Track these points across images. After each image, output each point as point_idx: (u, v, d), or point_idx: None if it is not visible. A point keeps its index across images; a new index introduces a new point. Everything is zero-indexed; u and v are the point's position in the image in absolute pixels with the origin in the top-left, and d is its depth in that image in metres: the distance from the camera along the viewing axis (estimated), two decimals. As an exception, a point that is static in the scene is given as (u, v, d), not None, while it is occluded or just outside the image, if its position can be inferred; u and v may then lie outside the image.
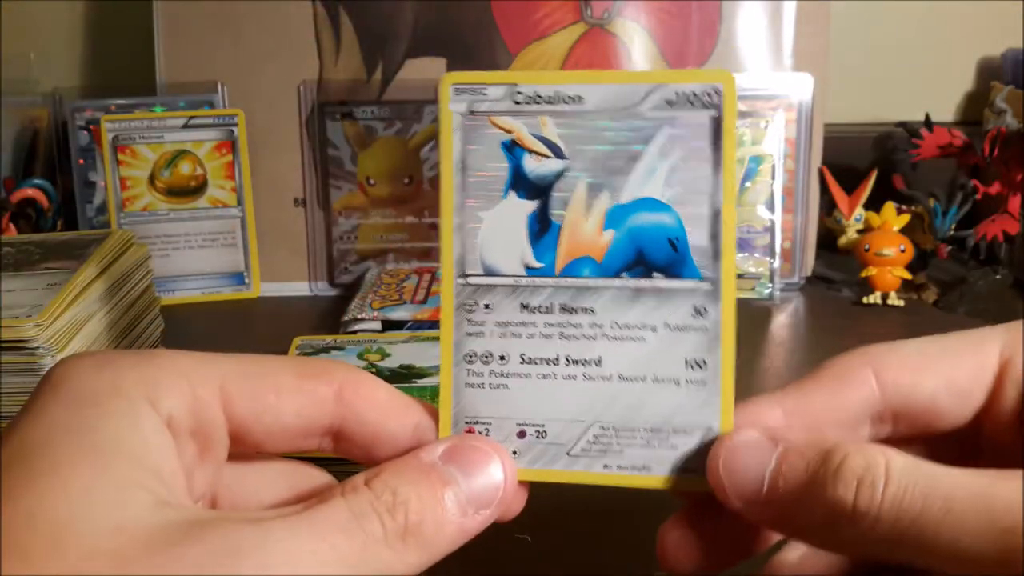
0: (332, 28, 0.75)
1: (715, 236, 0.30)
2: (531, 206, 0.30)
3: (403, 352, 0.53)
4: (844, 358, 0.31)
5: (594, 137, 0.30)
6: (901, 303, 0.70)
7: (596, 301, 0.30)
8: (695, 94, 0.29)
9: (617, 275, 0.30)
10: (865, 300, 0.70)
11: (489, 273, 0.30)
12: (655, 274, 0.30)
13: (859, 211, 0.74)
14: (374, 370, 0.50)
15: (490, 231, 0.30)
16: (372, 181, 0.75)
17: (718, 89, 0.29)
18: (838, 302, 0.72)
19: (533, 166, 0.30)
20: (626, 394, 0.30)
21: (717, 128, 0.29)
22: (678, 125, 0.30)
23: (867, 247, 0.70)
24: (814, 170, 0.75)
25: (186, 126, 0.74)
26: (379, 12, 0.74)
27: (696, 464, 0.29)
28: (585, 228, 0.30)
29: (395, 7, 0.74)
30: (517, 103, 0.30)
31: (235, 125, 0.74)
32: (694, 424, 0.30)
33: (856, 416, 0.30)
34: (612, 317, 0.30)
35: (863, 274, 0.70)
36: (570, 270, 0.30)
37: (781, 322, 0.68)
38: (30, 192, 0.76)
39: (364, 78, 0.75)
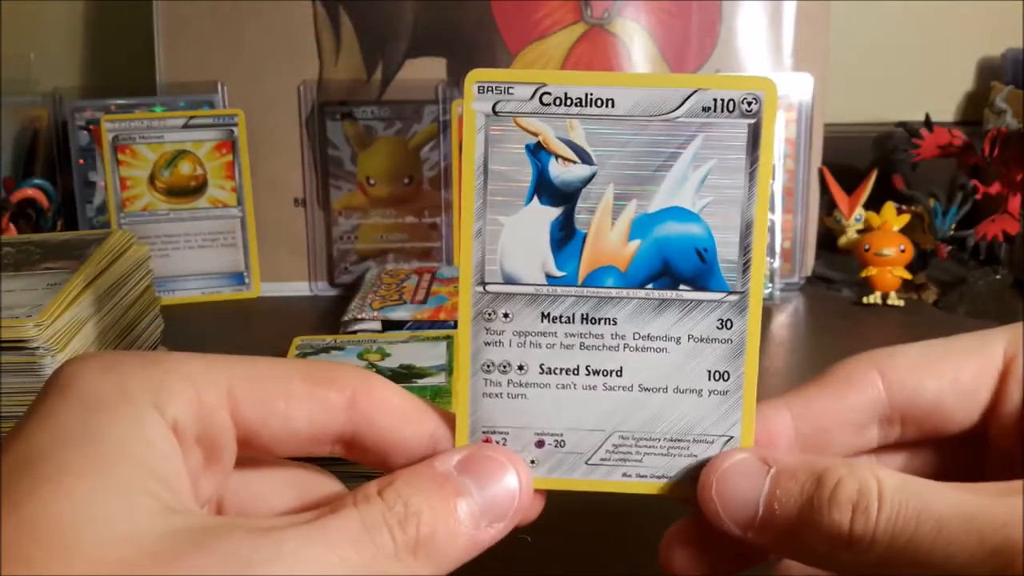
0: (332, 28, 0.75)
1: (746, 248, 0.29)
2: (555, 213, 0.29)
3: (403, 352, 0.53)
4: (849, 361, 0.31)
5: (624, 143, 0.29)
6: (901, 303, 0.70)
7: (619, 312, 0.30)
8: (734, 101, 0.29)
9: (642, 286, 0.29)
10: (865, 300, 0.70)
11: (509, 281, 0.29)
12: (681, 286, 0.29)
13: (859, 211, 0.74)
14: (374, 370, 0.50)
15: (511, 237, 0.29)
16: (372, 181, 0.75)
17: (758, 97, 0.28)
18: (838, 302, 0.72)
19: (559, 171, 0.29)
20: (647, 404, 0.30)
21: (755, 137, 0.29)
22: (714, 133, 0.29)
23: (867, 247, 0.70)
24: (814, 170, 0.75)
25: (186, 126, 0.74)
26: (379, 12, 0.74)
27: None
28: (610, 237, 0.29)
29: (395, 7, 0.74)
30: (544, 104, 0.29)
31: (235, 125, 0.74)
32: (715, 434, 0.30)
33: (863, 418, 0.30)
34: (635, 328, 0.29)
35: (863, 274, 0.70)
36: (593, 280, 0.29)
37: (781, 322, 0.68)
38: (30, 192, 0.76)
39: (364, 78, 0.75)
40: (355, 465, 0.38)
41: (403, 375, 0.50)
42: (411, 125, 0.75)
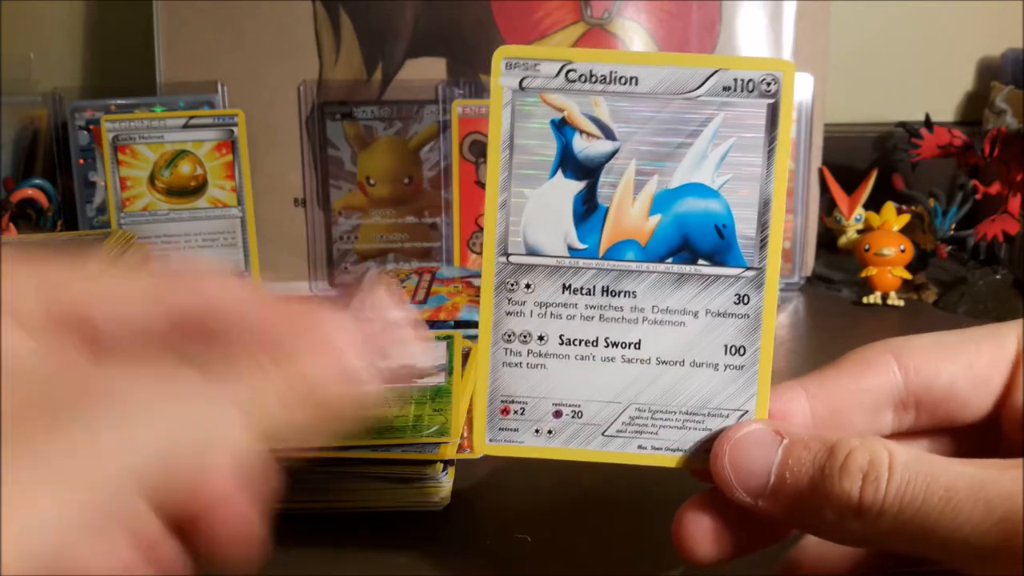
0: (332, 28, 0.75)
1: (763, 225, 0.30)
2: (578, 186, 0.30)
3: (403, 352, 0.52)
4: (866, 347, 0.31)
5: (647, 120, 0.30)
6: (901, 303, 0.70)
7: (639, 285, 0.30)
8: (753, 82, 0.29)
9: (661, 260, 0.30)
10: (865, 300, 0.70)
11: (532, 253, 0.30)
12: (700, 260, 0.30)
13: (859, 211, 0.74)
14: (374, 370, 0.50)
15: (535, 210, 0.30)
16: (372, 181, 0.75)
17: (777, 78, 0.29)
18: (838, 302, 0.72)
19: (583, 146, 0.30)
20: (664, 377, 0.30)
21: (773, 117, 0.29)
22: (733, 112, 0.30)
23: (867, 247, 0.70)
24: (814, 170, 0.75)
25: (186, 126, 0.74)
26: (379, 12, 0.74)
27: None
28: (632, 212, 0.30)
29: (395, 7, 0.74)
30: (570, 81, 0.30)
31: (235, 125, 0.74)
32: (731, 408, 0.30)
33: (878, 402, 0.31)
34: (654, 301, 0.30)
35: (863, 274, 0.70)
36: (614, 253, 0.30)
37: (781, 322, 0.68)
38: (30, 192, 0.75)
39: (364, 78, 0.75)
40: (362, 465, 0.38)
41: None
42: (411, 125, 0.75)
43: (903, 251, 0.69)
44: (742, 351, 0.30)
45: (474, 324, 0.63)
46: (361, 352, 0.26)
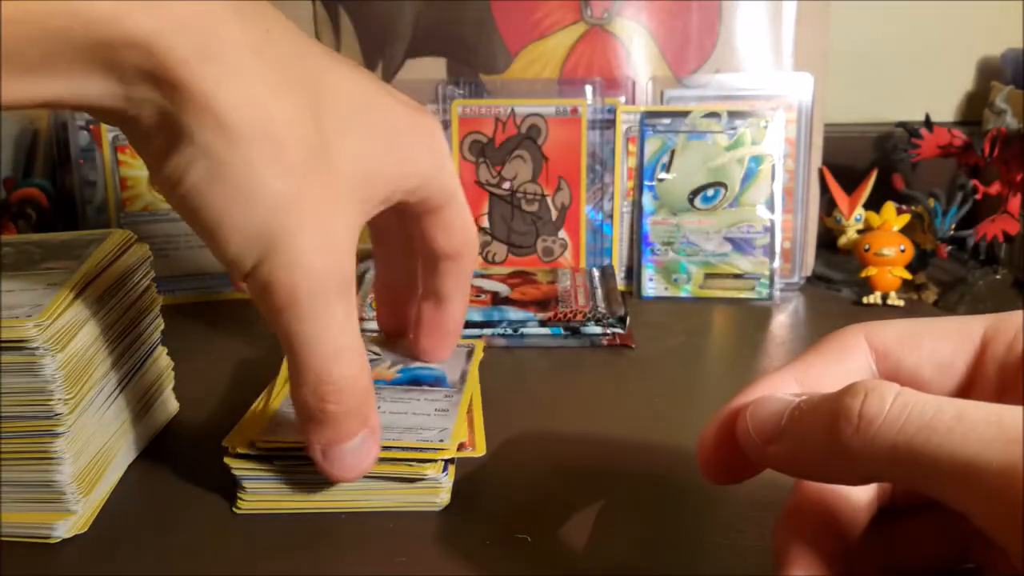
0: (332, 28, 0.75)
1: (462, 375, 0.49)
2: None
3: (403, 352, 0.53)
4: (842, 330, 0.33)
5: None
6: (901, 303, 0.70)
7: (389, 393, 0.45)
8: None
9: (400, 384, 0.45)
10: (865, 300, 0.70)
11: None
12: (424, 386, 0.48)
13: (859, 211, 0.74)
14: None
15: None
16: (372, 181, 0.75)
17: None
18: (838, 302, 0.72)
19: None
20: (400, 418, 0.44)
21: None
22: None
23: (867, 247, 0.70)
24: (814, 170, 0.75)
25: (186, 126, 0.74)
26: (379, 12, 0.74)
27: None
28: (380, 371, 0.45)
29: (395, 7, 0.74)
30: None
31: (235, 125, 0.74)
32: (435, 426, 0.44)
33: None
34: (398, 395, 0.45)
35: (863, 274, 0.70)
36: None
37: (781, 322, 0.68)
38: (30, 192, 0.75)
39: (364, 78, 0.75)
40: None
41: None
42: (411, 125, 0.75)
43: (903, 251, 0.69)
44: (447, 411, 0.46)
45: (474, 324, 0.63)
46: None
